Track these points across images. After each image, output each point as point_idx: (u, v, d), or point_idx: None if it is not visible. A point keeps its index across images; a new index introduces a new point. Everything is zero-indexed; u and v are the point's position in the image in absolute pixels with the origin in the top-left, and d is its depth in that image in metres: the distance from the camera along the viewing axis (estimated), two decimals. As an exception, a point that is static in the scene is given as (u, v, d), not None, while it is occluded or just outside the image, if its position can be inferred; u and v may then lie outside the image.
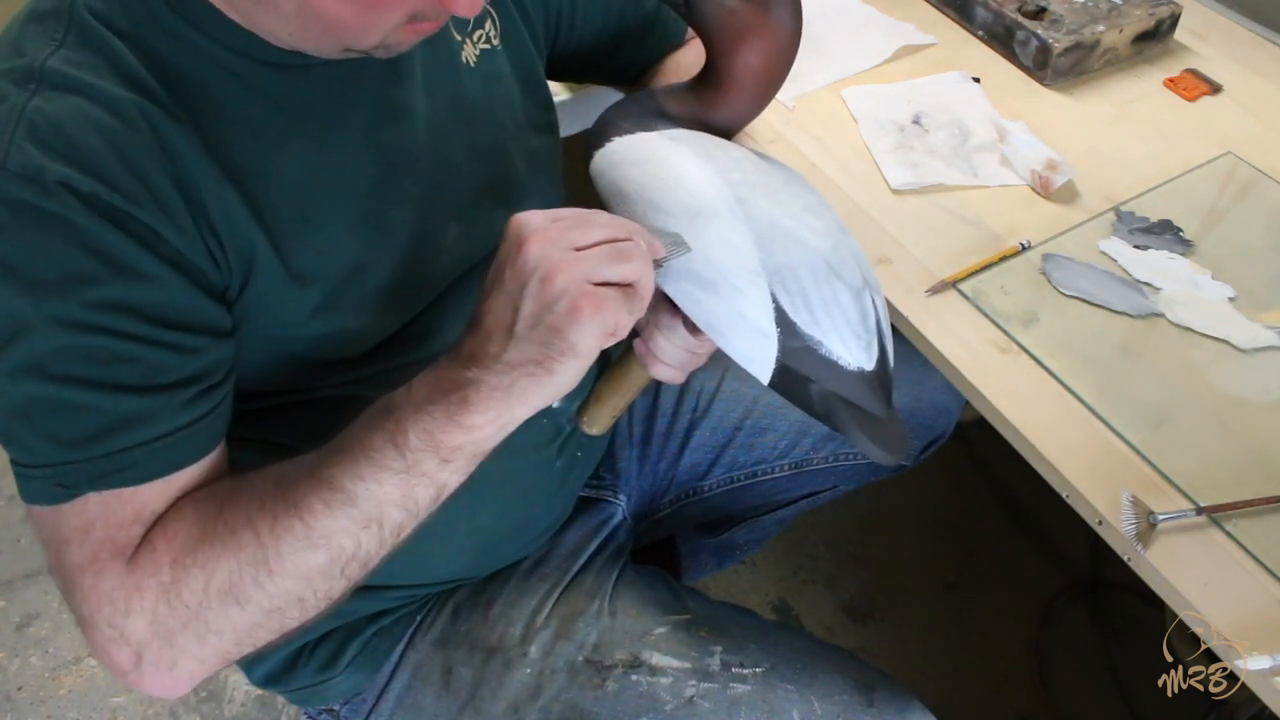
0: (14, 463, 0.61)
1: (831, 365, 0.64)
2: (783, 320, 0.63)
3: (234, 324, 0.66)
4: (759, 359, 0.64)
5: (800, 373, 0.64)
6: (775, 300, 0.63)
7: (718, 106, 0.73)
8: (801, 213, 0.68)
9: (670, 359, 0.72)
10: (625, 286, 0.58)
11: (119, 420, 0.59)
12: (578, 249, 0.57)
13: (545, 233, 0.57)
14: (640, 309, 0.58)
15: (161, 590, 0.59)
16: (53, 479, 0.59)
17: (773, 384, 0.64)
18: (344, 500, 0.59)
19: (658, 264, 0.62)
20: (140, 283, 0.58)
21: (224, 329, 0.64)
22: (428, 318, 0.75)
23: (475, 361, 0.58)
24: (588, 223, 0.58)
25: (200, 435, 0.63)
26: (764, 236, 0.65)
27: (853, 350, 0.65)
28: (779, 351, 0.63)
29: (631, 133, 0.72)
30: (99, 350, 0.58)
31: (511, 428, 0.60)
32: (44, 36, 0.60)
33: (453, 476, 0.61)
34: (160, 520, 0.61)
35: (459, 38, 0.76)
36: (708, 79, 0.73)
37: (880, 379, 0.66)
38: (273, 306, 0.66)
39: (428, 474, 0.60)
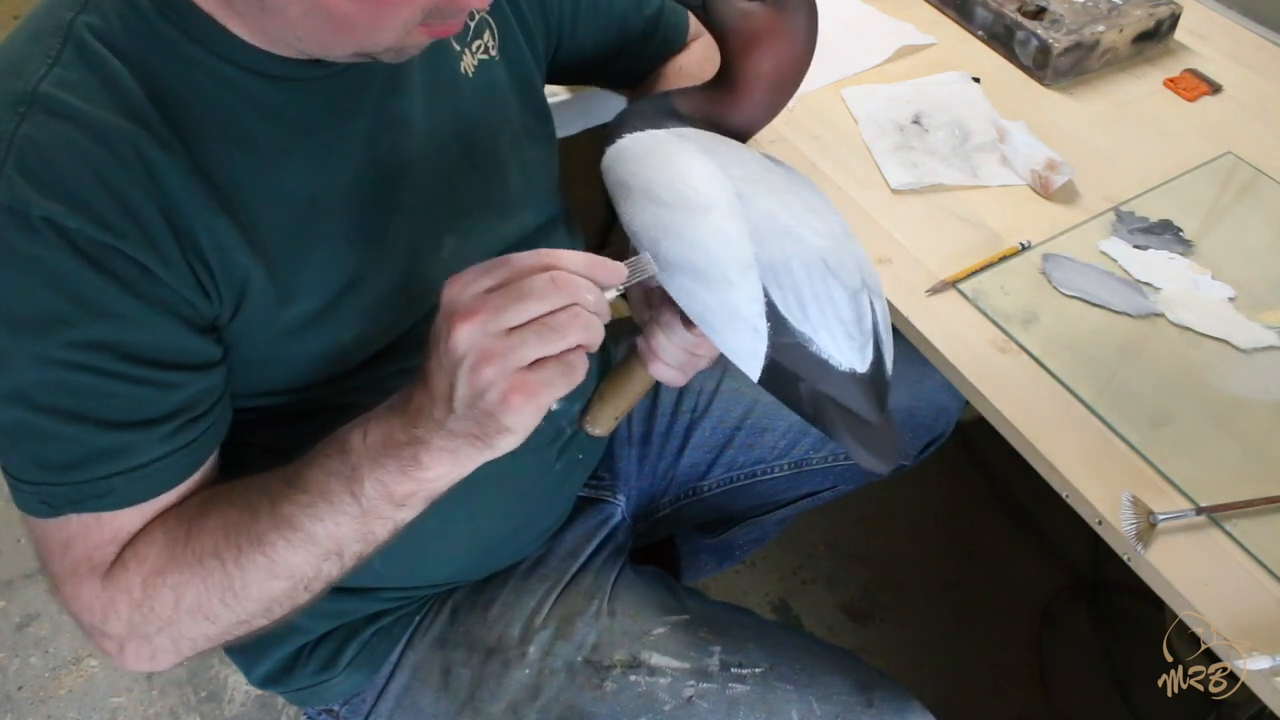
0: (3, 469, 0.63)
1: (822, 364, 0.64)
2: (773, 315, 0.63)
3: (228, 345, 0.66)
4: (749, 354, 0.64)
5: (790, 370, 0.64)
6: (767, 295, 0.63)
7: (732, 109, 0.73)
8: (803, 212, 0.67)
9: (670, 358, 0.72)
10: (567, 351, 0.56)
11: (99, 451, 0.61)
12: (510, 329, 0.55)
13: (474, 315, 0.55)
14: (582, 371, 0.57)
15: (134, 604, 0.63)
16: (38, 496, 0.62)
17: (762, 381, 0.64)
18: (304, 539, 0.62)
19: (617, 290, 0.62)
20: (119, 324, 0.59)
21: (210, 361, 0.65)
22: (424, 327, 0.75)
23: (422, 421, 0.60)
24: (521, 294, 0.55)
25: (181, 463, 0.65)
26: (760, 231, 0.64)
27: (844, 350, 0.64)
28: (769, 347, 0.63)
29: (642, 130, 0.72)
30: (79, 386, 0.59)
31: (464, 475, 0.62)
32: (40, 55, 0.59)
33: (409, 514, 0.63)
34: (132, 541, 0.64)
35: (458, 48, 0.76)
36: (722, 81, 0.73)
37: (874, 383, 0.65)
38: (268, 326, 0.67)
39: (383, 515, 0.62)
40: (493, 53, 0.79)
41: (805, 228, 0.66)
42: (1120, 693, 1.40)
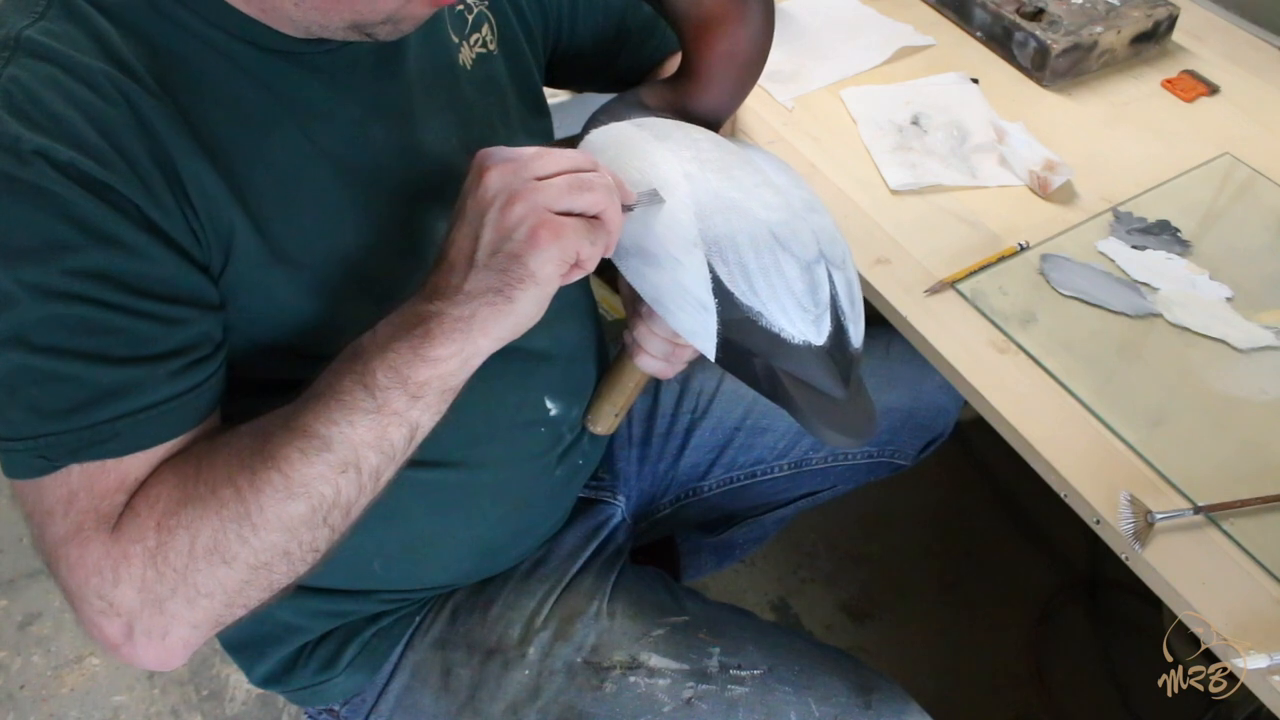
0: None
1: (774, 338, 0.63)
2: (720, 290, 0.63)
3: (222, 300, 0.64)
4: (703, 333, 0.64)
5: (743, 346, 0.63)
6: (713, 270, 0.63)
7: (695, 96, 0.73)
8: (755, 187, 0.67)
9: (653, 349, 0.72)
10: (590, 219, 0.59)
11: (102, 391, 0.58)
12: (539, 179, 0.58)
13: (507, 163, 0.59)
14: (604, 241, 0.60)
15: (148, 555, 0.58)
16: (35, 451, 0.58)
17: (719, 360, 0.64)
18: (319, 446, 0.58)
19: (628, 209, 0.63)
20: (121, 252, 0.58)
21: (211, 302, 0.63)
22: None
23: (437, 294, 0.59)
24: (549, 154, 0.60)
25: (186, 408, 0.61)
26: (706, 208, 0.64)
27: (796, 323, 0.64)
28: (719, 324, 0.63)
29: (606, 124, 0.73)
30: (81, 320, 0.57)
31: (476, 361, 0.60)
32: (25, 10, 0.59)
33: (424, 415, 0.61)
34: (142, 485, 0.60)
35: (456, 40, 0.76)
36: (683, 70, 0.73)
37: (834, 356, 0.64)
38: (259, 285, 0.65)
39: (399, 412, 0.59)
40: (491, 47, 0.79)
41: (755, 202, 0.66)
42: (1119, 692, 1.40)
